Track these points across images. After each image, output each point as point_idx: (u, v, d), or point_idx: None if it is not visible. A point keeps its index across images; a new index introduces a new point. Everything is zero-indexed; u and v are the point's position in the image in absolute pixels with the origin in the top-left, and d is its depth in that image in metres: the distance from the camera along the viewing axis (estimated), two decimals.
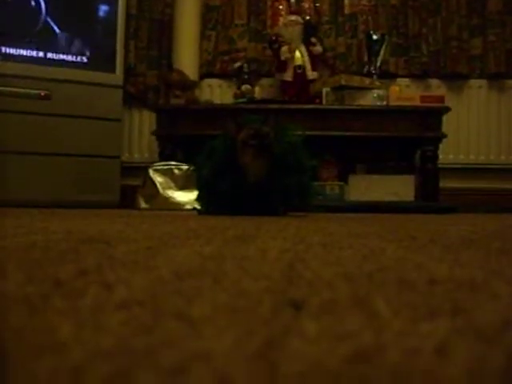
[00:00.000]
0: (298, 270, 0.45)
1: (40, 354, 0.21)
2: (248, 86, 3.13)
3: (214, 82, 3.38)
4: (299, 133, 1.87)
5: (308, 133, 1.93)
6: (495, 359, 0.21)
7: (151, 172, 2.72)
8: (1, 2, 2.78)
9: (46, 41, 2.87)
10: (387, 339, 0.23)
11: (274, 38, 3.16)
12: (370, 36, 3.14)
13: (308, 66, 3.11)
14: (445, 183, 3.06)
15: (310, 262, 0.50)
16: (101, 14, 2.99)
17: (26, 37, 2.82)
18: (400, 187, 2.93)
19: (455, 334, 0.24)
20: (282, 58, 3.10)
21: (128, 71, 3.24)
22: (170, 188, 2.70)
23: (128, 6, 3.19)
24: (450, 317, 0.28)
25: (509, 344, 0.23)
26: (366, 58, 3.20)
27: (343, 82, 2.91)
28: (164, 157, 2.88)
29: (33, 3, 2.85)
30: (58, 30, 2.90)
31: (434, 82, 3.35)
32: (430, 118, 2.88)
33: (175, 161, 2.80)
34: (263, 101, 3.04)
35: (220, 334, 0.24)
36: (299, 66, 3.10)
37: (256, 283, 0.37)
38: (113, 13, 2.98)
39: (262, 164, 1.74)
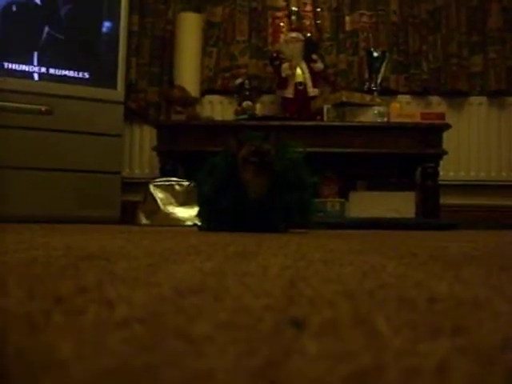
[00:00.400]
0: (299, 287, 0.44)
1: (41, 372, 0.21)
2: (249, 103, 3.14)
3: (215, 98, 3.39)
4: (300, 150, 1.86)
5: (309, 149, 1.93)
6: (495, 380, 0.21)
7: (152, 188, 2.72)
8: (4, 17, 2.79)
9: (48, 57, 2.88)
10: (387, 359, 0.23)
11: (275, 54, 3.17)
12: (371, 53, 3.15)
13: (309, 83, 3.12)
14: (445, 200, 3.06)
15: (311, 279, 0.50)
16: (103, 30, 3.01)
17: (28, 52, 2.84)
18: (401, 204, 2.93)
19: (455, 353, 0.24)
20: (283, 74, 3.10)
21: (129, 87, 3.25)
22: (170, 204, 2.70)
23: (130, 23, 3.20)
24: (451, 336, 0.28)
25: (508, 364, 0.23)
26: (366, 75, 3.21)
27: (344, 99, 2.92)
28: (165, 173, 2.88)
29: (36, 19, 2.86)
30: (59, 46, 2.91)
31: (435, 99, 3.36)
32: (430, 134, 2.88)
33: (176, 177, 2.80)
34: (264, 117, 3.05)
35: (221, 352, 0.24)
36: (300, 83, 3.11)
37: (257, 300, 0.37)
38: (115, 29, 3.00)
39: (262, 181, 1.74)
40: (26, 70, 2.81)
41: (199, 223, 1.96)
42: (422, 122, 2.91)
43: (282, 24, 3.37)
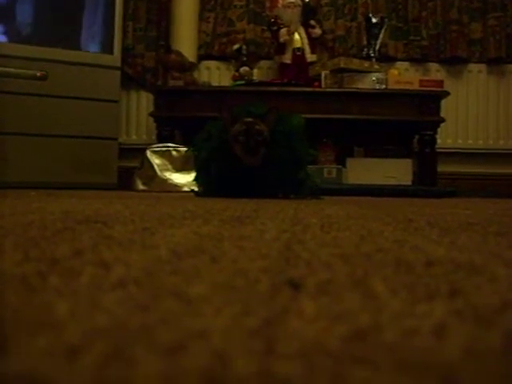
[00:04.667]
0: (296, 250, 0.44)
1: (37, 332, 0.21)
2: (246, 68, 3.12)
3: (213, 63, 3.36)
4: (300, 120, 1.83)
5: (306, 115, 1.91)
6: (493, 340, 0.21)
7: (149, 154, 2.71)
8: None
9: (44, 21, 2.84)
10: (385, 319, 0.23)
11: (273, 19, 3.14)
12: (370, 19, 3.12)
13: (307, 49, 3.10)
14: (443, 167, 3.06)
15: (308, 243, 0.50)
16: None
17: (24, 17, 2.80)
18: (398, 171, 2.93)
19: (453, 314, 0.24)
20: (281, 40, 3.08)
21: (126, 52, 3.22)
22: (167, 170, 2.69)
23: None
24: (448, 298, 0.28)
25: (506, 325, 0.23)
26: (365, 41, 3.18)
27: (342, 65, 2.90)
28: (162, 138, 2.87)
29: None
30: (55, 10, 2.87)
31: (434, 66, 3.33)
32: (428, 102, 2.87)
33: (173, 142, 2.79)
34: (262, 83, 3.03)
35: (217, 312, 0.24)
36: (298, 49, 3.09)
37: (254, 263, 0.37)
38: None
39: (253, 157, 1.71)
40: (21, 34, 2.78)
41: (196, 189, 1.96)
42: (420, 89, 2.90)
43: None
